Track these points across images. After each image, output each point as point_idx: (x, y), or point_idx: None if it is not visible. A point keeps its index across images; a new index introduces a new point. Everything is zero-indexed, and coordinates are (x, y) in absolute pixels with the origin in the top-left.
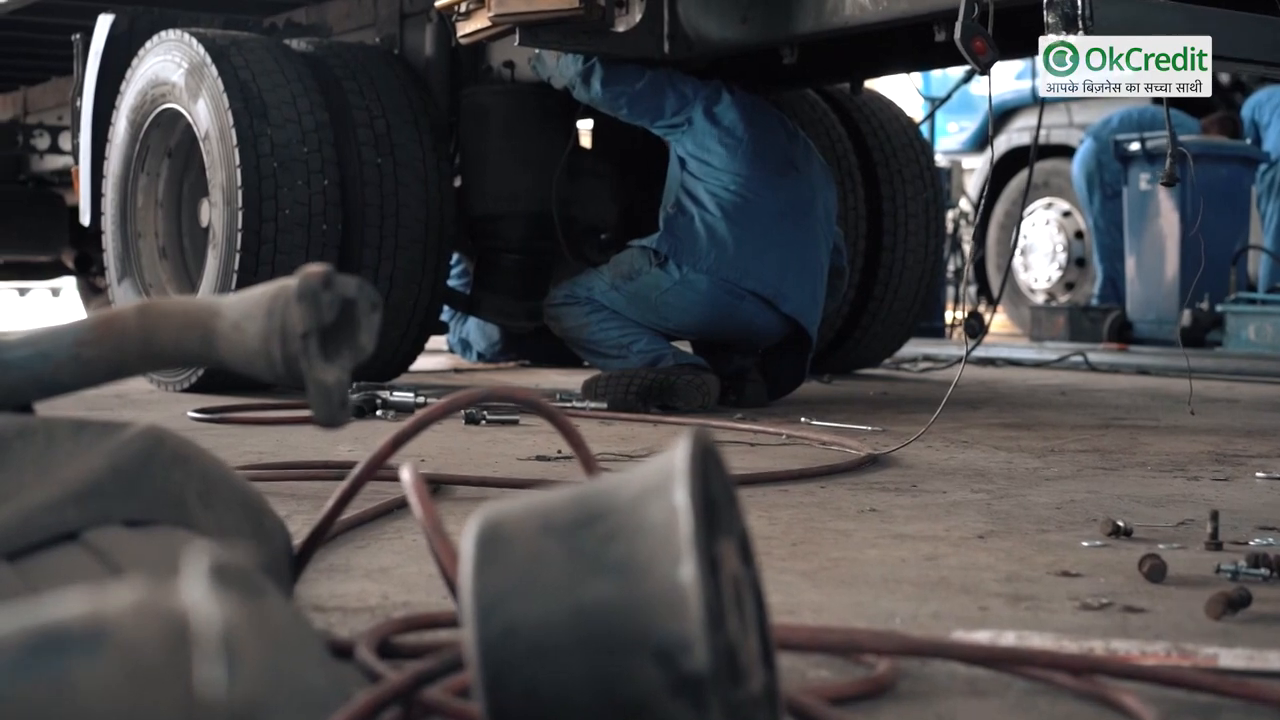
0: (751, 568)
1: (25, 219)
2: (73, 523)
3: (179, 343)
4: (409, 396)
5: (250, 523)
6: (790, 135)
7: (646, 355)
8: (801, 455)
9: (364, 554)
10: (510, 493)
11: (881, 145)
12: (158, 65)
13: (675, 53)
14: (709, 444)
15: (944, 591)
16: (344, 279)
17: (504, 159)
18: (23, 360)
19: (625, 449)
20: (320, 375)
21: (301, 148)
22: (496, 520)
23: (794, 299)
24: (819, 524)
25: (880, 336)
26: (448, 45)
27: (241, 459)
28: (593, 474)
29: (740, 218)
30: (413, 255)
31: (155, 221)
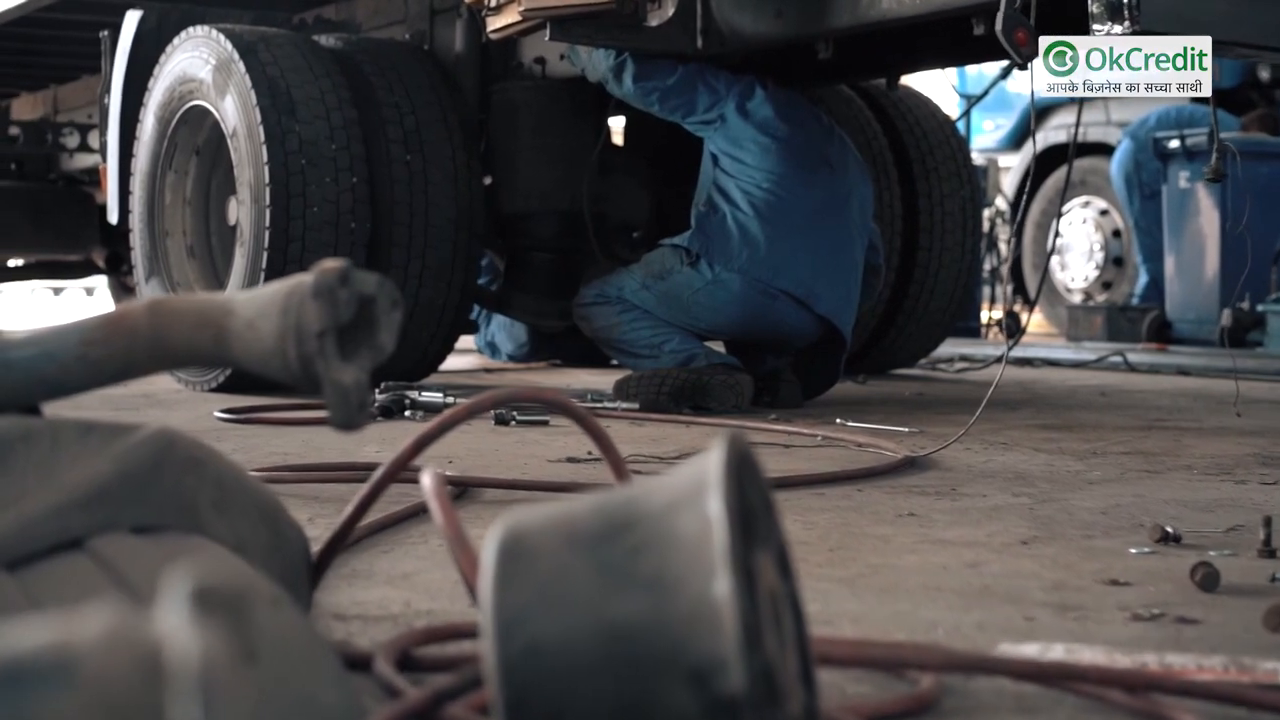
0: (790, 580)
1: (55, 218)
2: (77, 530)
3: (190, 342)
4: (437, 397)
5: (266, 529)
6: (825, 131)
7: (679, 355)
8: (837, 457)
9: (387, 559)
10: (539, 496)
11: (918, 142)
12: (185, 62)
13: (708, 48)
14: (745, 449)
15: (987, 601)
16: (362, 275)
17: (535, 156)
18: (27, 360)
19: (657, 450)
20: (337, 376)
21: (330, 145)
22: (519, 532)
23: (828, 299)
24: (856, 529)
25: (916, 336)
26: (478, 41)
27: (266, 460)
28: (623, 478)
29: (773, 216)
30: (442, 253)
31: (183, 220)
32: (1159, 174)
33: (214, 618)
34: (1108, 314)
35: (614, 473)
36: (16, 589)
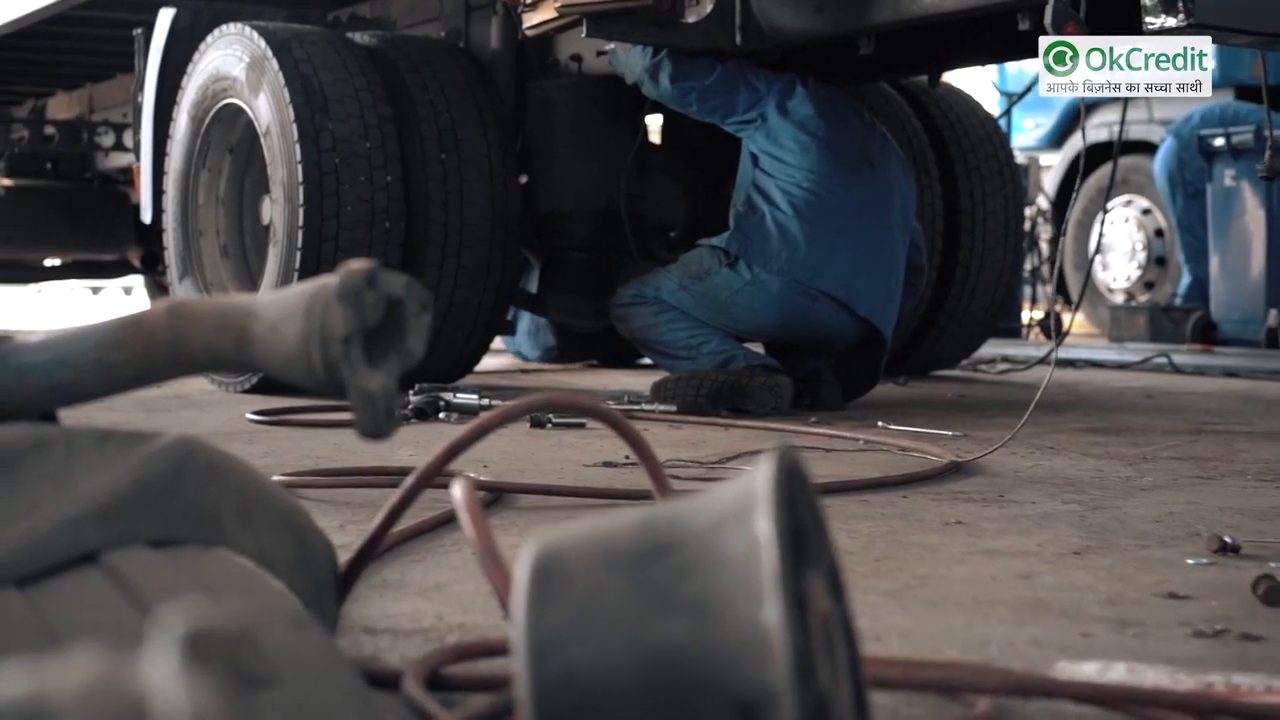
0: (842, 602)
1: (91, 217)
2: (92, 543)
3: (211, 346)
4: (473, 399)
5: (292, 540)
6: (867, 129)
7: (717, 356)
8: (880, 462)
9: (419, 569)
10: (575, 502)
11: (959, 140)
12: (219, 59)
13: (747, 44)
14: (795, 464)
15: (1042, 615)
16: (389, 276)
17: (571, 154)
18: (41, 365)
19: (695, 454)
20: (363, 382)
21: (364, 143)
22: (554, 550)
23: (868, 300)
24: (902, 537)
25: (957, 337)
26: (514, 38)
27: (298, 463)
28: (661, 485)
29: (813, 216)
30: (478, 253)
31: (217, 219)
32: (1203, 172)
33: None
34: (1151, 314)
35: (652, 481)
36: (26, 607)
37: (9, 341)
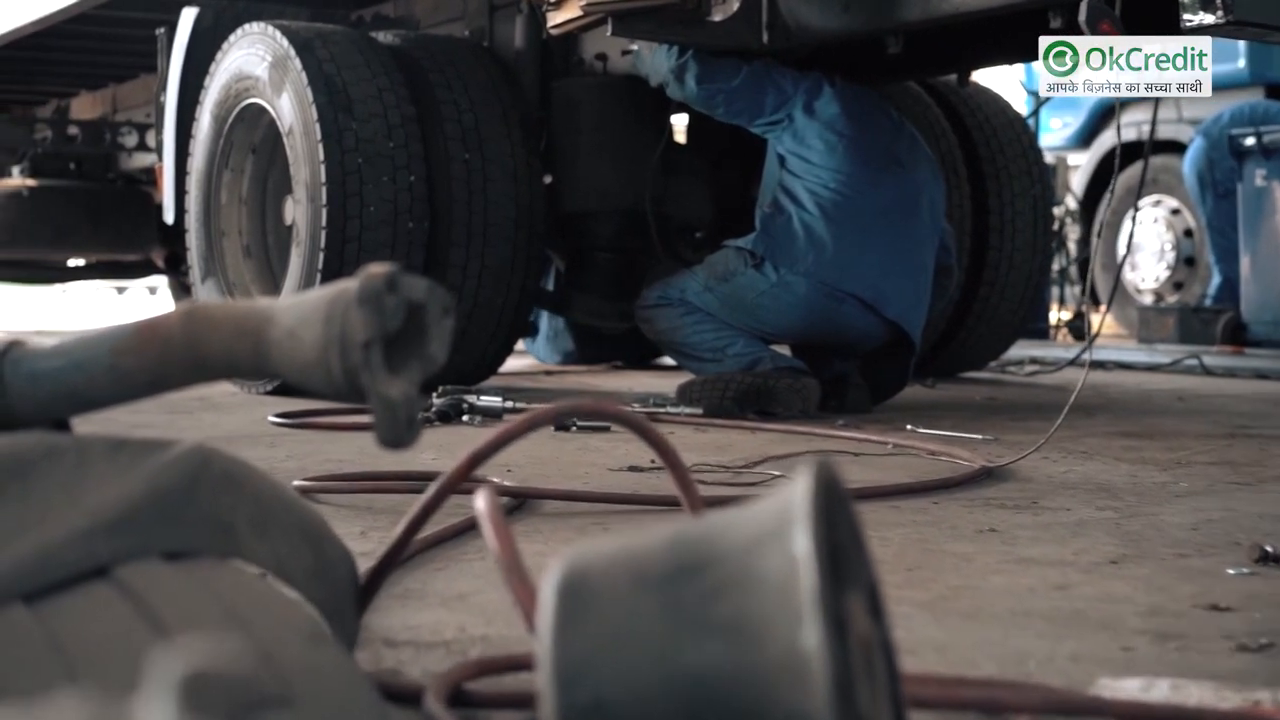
0: (881, 623)
1: (114, 218)
2: (103, 556)
3: (228, 352)
4: (497, 401)
5: (310, 550)
6: (895, 128)
7: (743, 359)
8: (910, 467)
9: (441, 577)
10: (600, 509)
11: (988, 140)
12: (241, 59)
13: (774, 43)
14: (833, 477)
15: (1080, 627)
16: (411, 280)
17: (596, 154)
18: (55, 371)
19: (722, 458)
20: (384, 389)
21: (387, 143)
22: (581, 570)
23: (896, 302)
24: (935, 546)
25: (986, 338)
26: (538, 37)
27: (320, 467)
28: (689, 495)
29: (840, 217)
30: (502, 253)
31: (239, 219)
32: (1233, 172)
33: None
34: (1180, 315)
35: (680, 490)
36: (34, 624)
37: (21, 346)
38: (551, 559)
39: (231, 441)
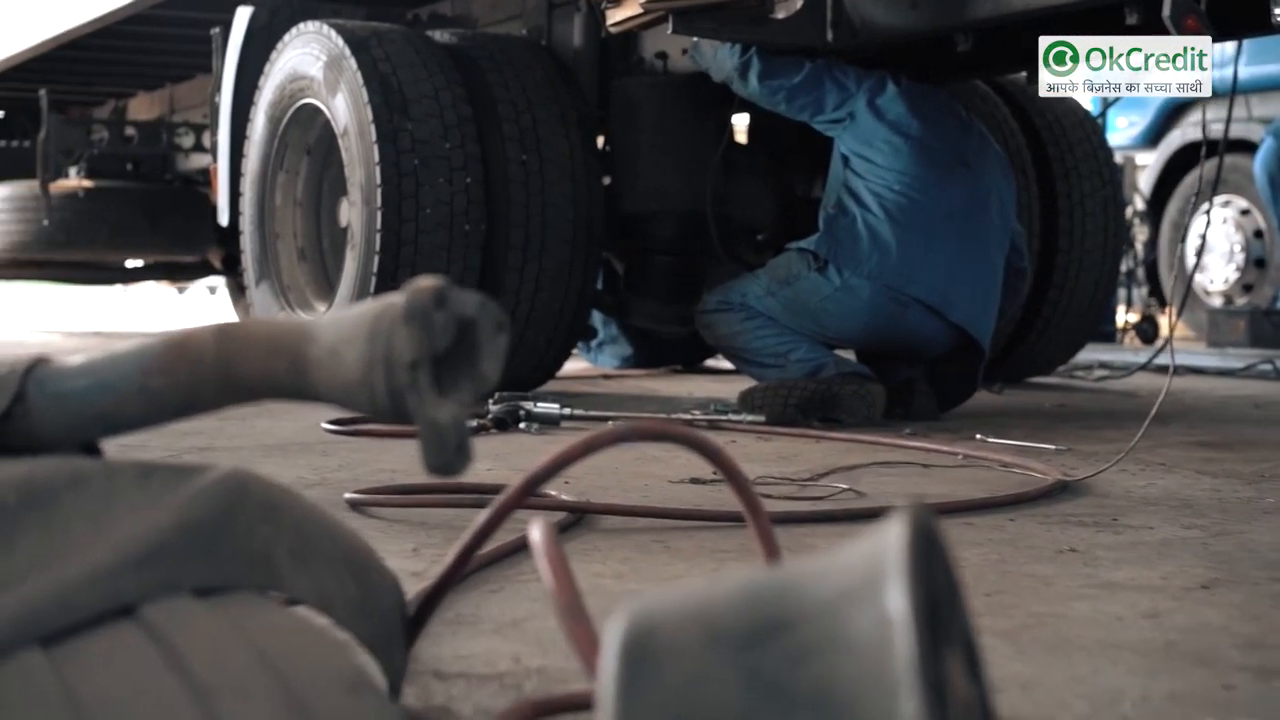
0: (980, 681)
1: (171, 219)
2: (129, 594)
3: (264, 371)
4: (554, 408)
5: (354, 581)
6: (963, 128)
7: (806, 364)
8: (982, 479)
9: (496, 600)
10: (661, 525)
11: (1057, 140)
12: (296, 58)
13: (839, 41)
14: (929, 523)
15: (1175, 662)
16: (461, 295)
17: (656, 155)
18: (82, 392)
19: (787, 470)
20: (432, 412)
21: (444, 144)
22: (647, 625)
23: (963, 307)
24: (1013, 567)
25: (1054, 342)
26: (597, 35)
27: (372, 478)
28: (759, 523)
29: (906, 219)
30: (560, 256)
31: (294, 221)
32: None
33: None
34: (1251, 318)
35: (751, 523)
36: (49, 672)
37: (46, 365)
38: (615, 610)
39: (283, 449)
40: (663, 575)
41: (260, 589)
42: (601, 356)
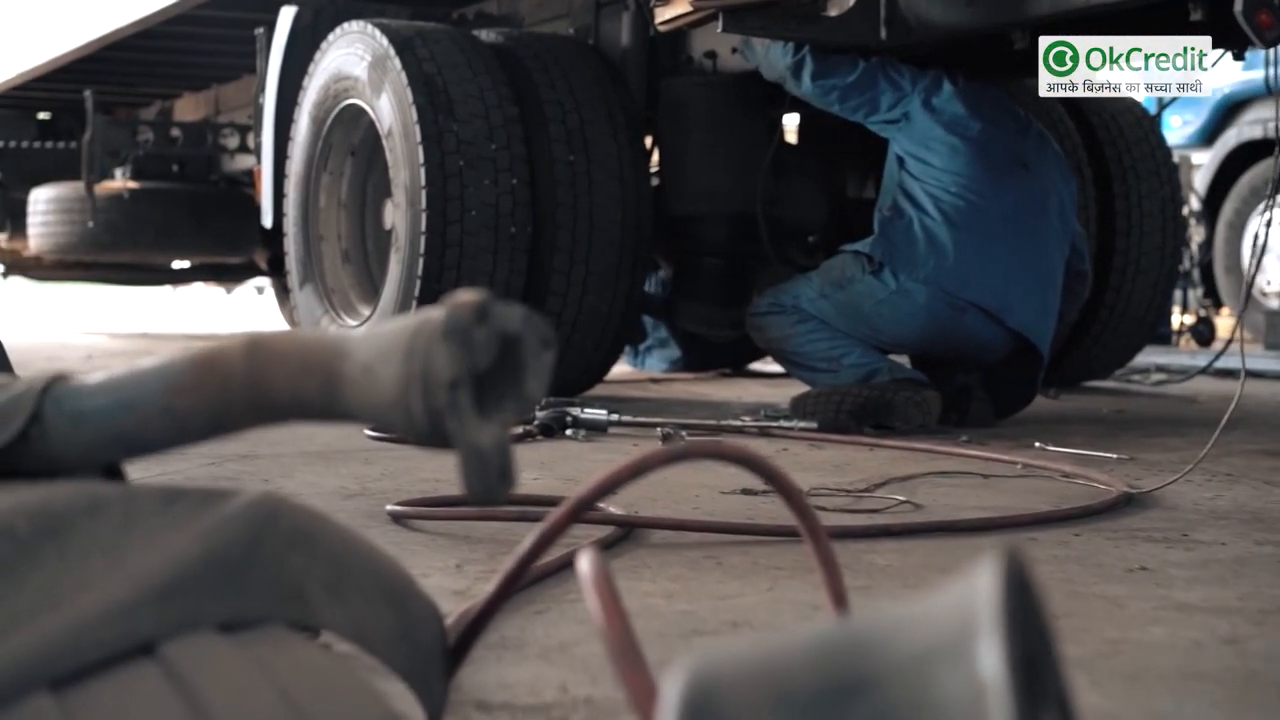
0: None
1: (217, 219)
2: (148, 631)
3: (295, 390)
4: (601, 414)
5: (392, 611)
6: (1021, 127)
7: (859, 370)
8: (1044, 491)
9: (541, 622)
10: (713, 538)
11: (1114, 140)
12: (340, 59)
13: (893, 39)
14: (1023, 572)
15: (1261, 694)
16: (504, 310)
17: (705, 156)
18: (102, 411)
19: (841, 479)
20: (473, 436)
21: (489, 144)
22: (710, 682)
23: (1021, 312)
24: (1082, 587)
25: (1111, 346)
26: (645, 34)
27: (416, 487)
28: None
29: (962, 222)
30: (607, 259)
31: (338, 223)
32: None
33: None
34: None
35: (817, 556)
36: (58, 718)
37: (64, 383)
38: (676, 662)
39: (325, 457)
40: (715, 594)
41: (291, 622)
42: (649, 360)
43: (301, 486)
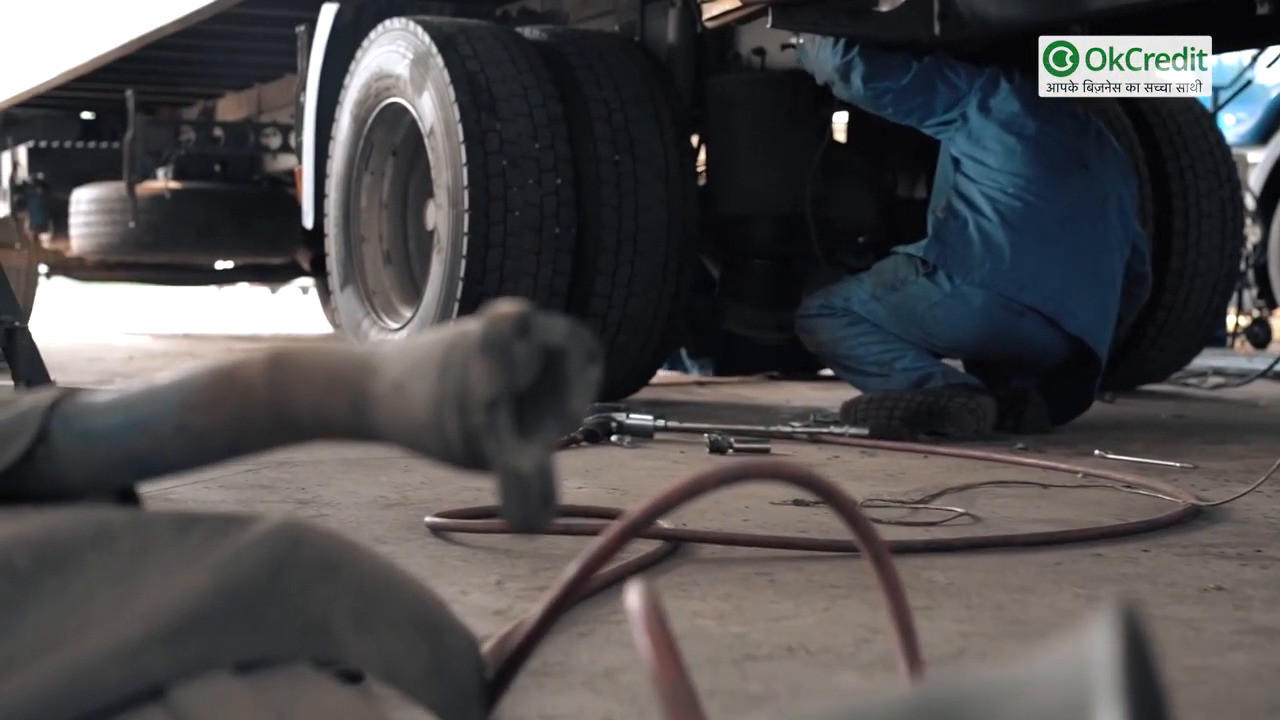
0: None
1: (259, 220)
2: (157, 673)
3: (320, 408)
4: (647, 419)
5: (425, 644)
6: (1080, 126)
7: (912, 374)
8: (1106, 502)
9: (586, 646)
10: (765, 553)
11: (1171, 138)
12: (382, 56)
13: (947, 35)
14: (1141, 630)
15: None
16: (547, 322)
17: (753, 154)
18: (113, 430)
19: (895, 489)
20: (513, 460)
21: (533, 144)
22: None
23: (1079, 316)
24: (1155, 609)
25: (1168, 349)
26: (692, 31)
27: (454, 498)
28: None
29: (1019, 224)
30: (653, 260)
31: (379, 224)
32: None
33: None
34: None
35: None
36: None
37: (72, 400)
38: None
39: (364, 463)
40: (768, 615)
41: (315, 660)
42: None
43: (339, 495)
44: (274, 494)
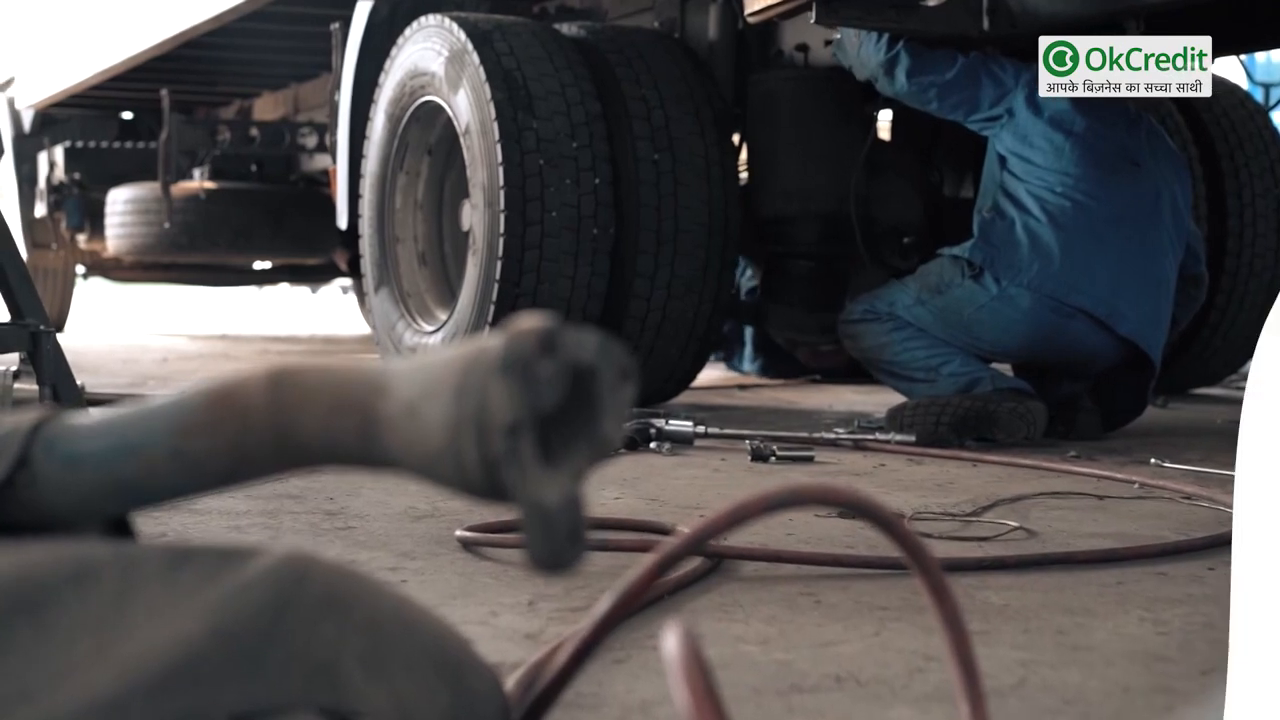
0: None
1: (295, 220)
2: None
3: (326, 432)
4: (687, 425)
5: (444, 685)
6: (1131, 123)
7: (959, 379)
8: (1166, 515)
9: (621, 675)
10: (810, 570)
11: (1225, 135)
12: (417, 54)
13: (995, 29)
14: None
15: None
16: (575, 337)
17: (796, 153)
18: (101, 455)
19: (945, 500)
20: (536, 491)
21: (570, 143)
22: None
23: (1131, 318)
24: (1225, 634)
25: (1222, 352)
26: (734, 27)
27: (487, 510)
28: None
29: (1069, 224)
30: (694, 261)
31: (414, 225)
32: None
33: None
34: None
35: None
36: None
37: (56, 422)
38: None
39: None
40: (815, 640)
41: (321, 708)
42: (745, 361)
43: (368, 506)
44: (301, 504)
